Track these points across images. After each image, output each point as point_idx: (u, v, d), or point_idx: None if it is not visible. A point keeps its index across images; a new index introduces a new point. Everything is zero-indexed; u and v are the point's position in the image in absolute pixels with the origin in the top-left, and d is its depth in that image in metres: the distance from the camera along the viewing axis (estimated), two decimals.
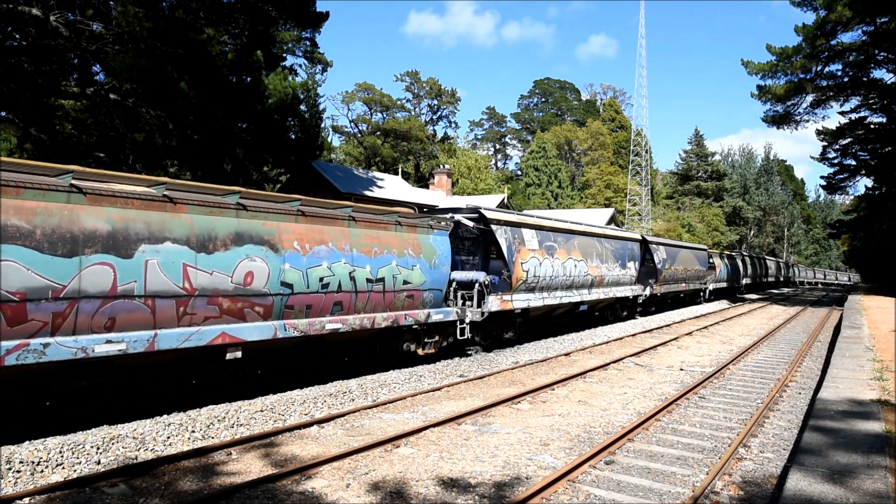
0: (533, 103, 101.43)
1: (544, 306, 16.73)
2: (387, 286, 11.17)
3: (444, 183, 42.75)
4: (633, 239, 24.20)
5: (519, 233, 15.64)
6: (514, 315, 15.50)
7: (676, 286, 29.14)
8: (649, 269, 25.55)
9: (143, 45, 14.98)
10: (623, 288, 22.13)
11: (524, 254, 15.54)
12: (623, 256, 22.03)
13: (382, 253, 11.14)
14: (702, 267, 33.84)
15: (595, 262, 19.40)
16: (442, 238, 12.93)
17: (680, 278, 29.49)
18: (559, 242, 17.36)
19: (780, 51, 36.96)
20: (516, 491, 5.95)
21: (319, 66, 50.42)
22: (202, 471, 6.34)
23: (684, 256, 30.50)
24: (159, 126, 17.56)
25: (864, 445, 6.34)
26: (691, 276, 31.70)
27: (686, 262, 30.62)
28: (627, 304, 23.65)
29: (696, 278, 32.64)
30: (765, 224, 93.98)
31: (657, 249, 26.44)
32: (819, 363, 13.87)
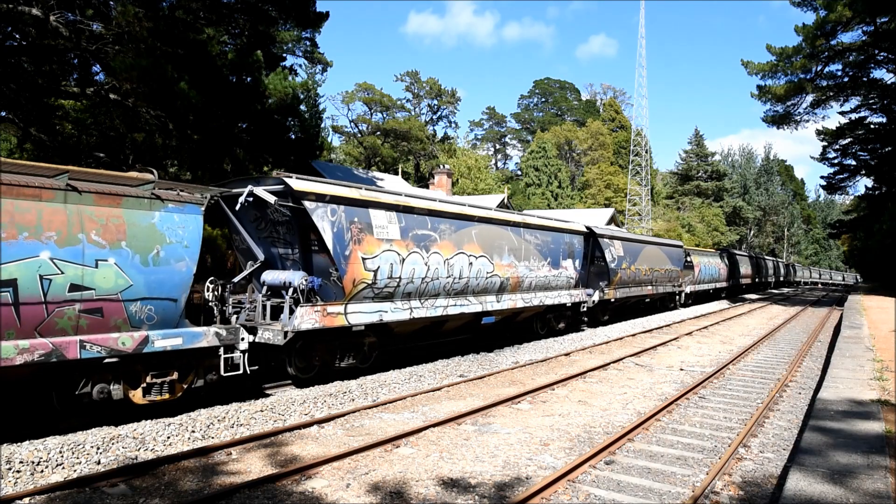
0: (533, 103, 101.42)
1: (415, 319, 12.23)
2: (23, 295, 6.72)
3: (444, 183, 42.72)
4: (573, 231, 19.08)
5: (360, 214, 10.97)
6: (354, 335, 11.23)
7: (639, 289, 24.40)
8: (601, 268, 21.22)
9: (143, 45, 14.97)
10: (556, 293, 17.44)
11: (370, 245, 11.01)
12: (556, 252, 17.36)
13: (16, 238, 6.72)
14: (675, 266, 29.05)
15: (507, 258, 14.93)
16: (185, 218, 8.29)
17: (644, 280, 24.70)
18: (443, 232, 12.78)
19: (780, 51, 36.96)
20: (516, 491, 5.95)
21: (319, 66, 50.44)
22: (202, 471, 6.34)
23: (651, 254, 25.85)
24: (159, 126, 17.55)
25: (864, 445, 6.34)
26: (661, 277, 26.98)
27: (653, 261, 25.89)
28: (566, 312, 18.89)
29: (667, 280, 27.91)
30: (765, 224, 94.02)
31: (610, 245, 21.81)
32: (819, 363, 13.87)
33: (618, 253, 22.15)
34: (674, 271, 28.81)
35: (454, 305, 13.28)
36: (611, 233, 23.02)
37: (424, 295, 12.43)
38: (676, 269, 29.18)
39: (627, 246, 23.38)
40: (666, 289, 27.96)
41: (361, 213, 11.00)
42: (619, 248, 22.41)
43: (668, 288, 28.19)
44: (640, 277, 24.23)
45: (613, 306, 22.55)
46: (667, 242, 29.81)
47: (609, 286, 21.37)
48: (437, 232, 12.62)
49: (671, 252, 28.87)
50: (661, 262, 27.08)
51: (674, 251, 29.40)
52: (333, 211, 10.46)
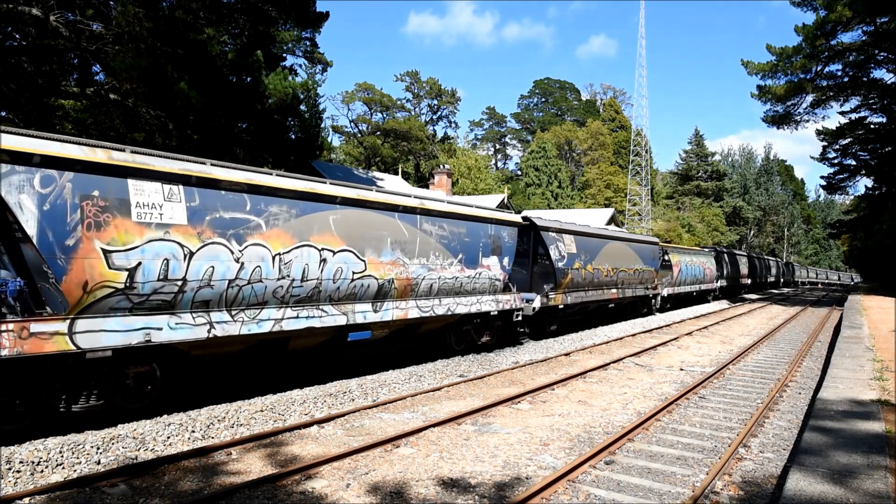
0: (533, 103, 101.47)
1: (220, 338, 8.56)
2: None
3: (444, 183, 42.73)
4: (500, 221, 14.82)
5: (106, 186, 7.45)
6: (96, 364, 7.47)
7: (599, 293, 20.35)
8: (545, 269, 17.45)
9: (143, 45, 14.98)
10: (475, 299, 13.68)
11: (123, 232, 7.53)
12: (472, 248, 13.57)
13: None
14: (648, 266, 24.74)
15: (390, 254, 11.30)
16: None
17: (605, 282, 20.85)
18: (274, 217, 9.26)
19: (780, 51, 36.98)
20: (516, 491, 5.95)
21: (319, 66, 50.46)
22: (202, 471, 6.35)
23: (615, 252, 21.80)
24: (159, 126, 17.56)
25: (865, 445, 6.34)
26: (629, 278, 23.01)
27: (618, 259, 21.96)
28: (493, 323, 14.84)
29: (637, 282, 23.99)
30: (765, 224, 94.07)
31: (558, 240, 17.80)
32: (819, 363, 13.87)
33: (568, 250, 18.26)
34: (647, 272, 24.70)
35: (296, 318, 9.60)
36: (559, 225, 18.58)
37: (238, 304, 8.85)
38: (650, 268, 25.08)
39: (583, 242, 19.37)
40: (636, 292, 24.02)
41: (111, 184, 7.47)
42: (570, 244, 18.42)
43: (638, 291, 24.19)
44: (600, 279, 20.31)
45: (565, 313, 18.76)
46: (638, 238, 25.44)
47: (556, 290, 17.43)
48: (263, 216, 9.09)
49: (643, 249, 24.76)
50: (630, 260, 23.17)
51: (647, 248, 25.20)
52: (49, 179, 6.93)
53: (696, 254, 34.08)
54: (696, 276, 32.53)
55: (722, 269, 38.29)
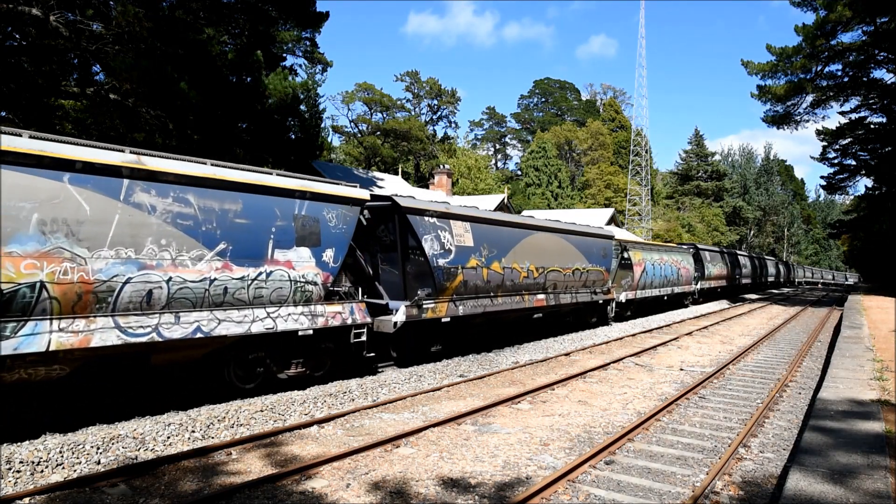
0: (533, 103, 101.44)
1: None
2: None
3: (444, 183, 42.73)
4: (321, 195, 10.38)
5: None
6: None
7: (516, 301, 15.47)
8: (421, 268, 12.74)
9: (143, 45, 14.99)
10: (265, 313, 9.37)
11: None
12: (257, 234, 9.35)
13: None
14: (596, 265, 19.77)
15: (39, 240, 7.07)
16: None
17: (524, 286, 15.88)
18: None
19: (780, 51, 36.96)
20: (516, 491, 5.95)
21: (319, 66, 50.41)
22: (202, 471, 6.34)
23: (540, 245, 16.70)
24: (159, 126, 17.56)
25: (865, 445, 6.34)
26: (565, 281, 17.94)
27: (545, 256, 16.84)
28: (315, 347, 10.44)
29: (581, 284, 18.99)
30: (765, 224, 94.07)
31: (439, 227, 13.06)
32: (819, 363, 13.87)
33: (459, 241, 13.32)
34: (594, 272, 19.68)
35: None
36: (443, 208, 13.32)
37: None
38: (600, 268, 20.02)
39: (486, 232, 14.40)
40: (580, 297, 18.86)
41: None
42: (461, 235, 13.47)
43: (582, 296, 19.02)
44: (516, 282, 15.41)
45: (459, 329, 13.87)
46: (580, 230, 19.61)
47: (438, 296, 12.75)
48: None
49: (588, 244, 19.57)
50: (568, 257, 18.05)
51: (594, 243, 20.03)
52: None
53: (668, 251, 29.16)
54: (667, 277, 27.38)
55: (702, 269, 34.14)
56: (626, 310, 23.94)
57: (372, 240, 12.93)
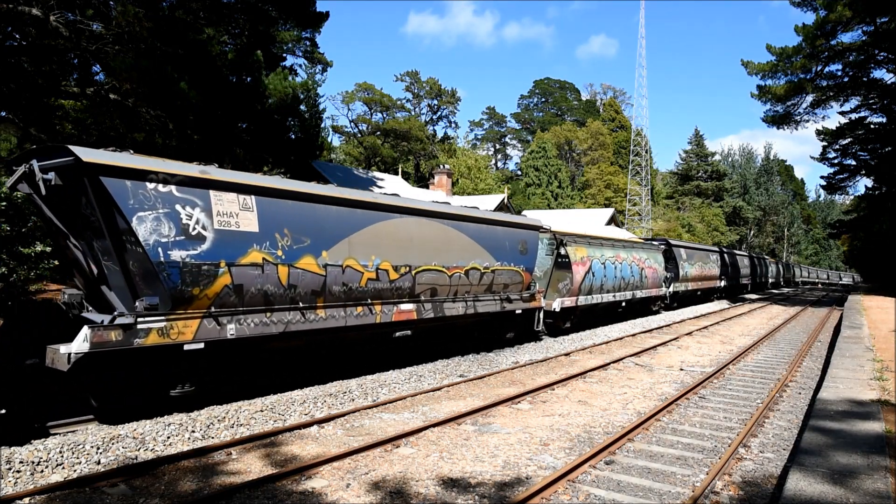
0: (533, 103, 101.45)
1: None
2: None
3: (444, 183, 42.74)
4: None
5: None
6: None
7: (348, 315, 10.55)
8: (143, 262, 8.08)
9: (143, 45, 14.98)
10: None
11: None
12: None
13: None
14: (509, 264, 14.83)
15: None
16: None
17: (369, 292, 11.06)
18: None
19: (780, 51, 36.96)
20: (516, 491, 5.95)
21: (319, 66, 50.41)
22: (202, 471, 6.34)
23: (409, 234, 12.02)
24: (159, 126, 17.55)
25: (865, 446, 6.34)
26: (455, 284, 13.15)
27: (416, 250, 12.13)
28: None
29: (483, 289, 14.14)
30: (765, 224, 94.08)
31: (179, 203, 8.24)
32: (819, 363, 13.87)
33: (226, 223, 8.75)
34: (507, 272, 14.69)
35: None
36: (187, 170, 8.46)
37: None
38: (516, 267, 15.02)
39: (288, 211, 9.69)
40: (483, 306, 13.88)
41: None
42: (235, 214, 8.88)
43: (486, 305, 14.02)
44: (356, 287, 10.68)
45: (219, 359, 9.00)
46: (481, 217, 14.28)
47: (178, 309, 8.24)
48: None
49: (497, 236, 14.48)
50: (458, 252, 13.14)
51: (508, 234, 14.93)
52: None
53: (628, 247, 23.77)
54: (624, 279, 22.44)
55: (676, 269, 29.15)
56: (564, 320, 18.56)
57: (80, 220, 8.37)
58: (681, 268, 29.55)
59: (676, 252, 29.52)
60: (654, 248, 27.03)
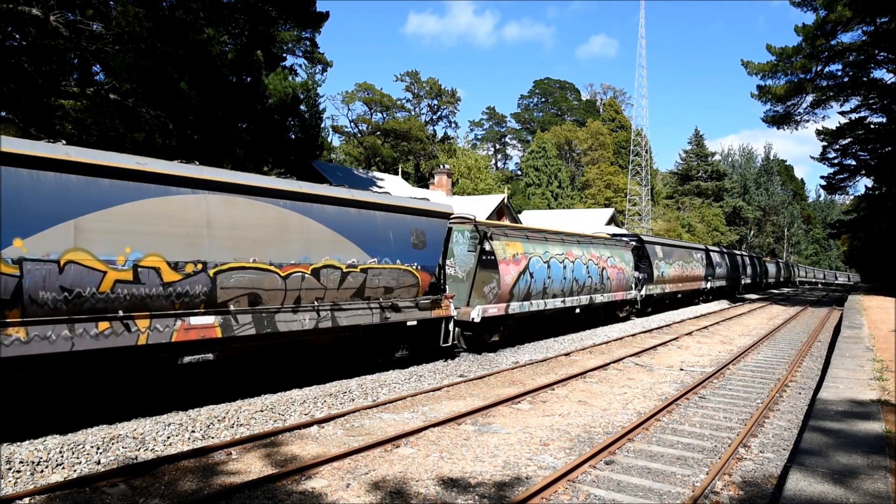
0: (533, 103, 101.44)
1: None
2: None
3: (444, 183, 42.73)
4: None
5: None
6: None
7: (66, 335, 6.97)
8: None
9: (143, 45, 14.98)
10: None
11: None
12: None
13: None
14: (397, 262, 11.55)
15: None
16: None
17: (117, 301, 7.48)
18: None
19: (780, 51, 36.96)
20: (516, 491, 5.95)
21: (319, 66, 50.42)
22: (202, 471, 6.34)
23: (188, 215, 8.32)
24: (159, 126, 17.55)
25: (865, 446, 6.34)
26: (298, 288, 9.67)
27: (220, 238, 8.58)
28: None
29: (352, 294, 10.70)
30: (765, 224, 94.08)
31: None
32: (819, 363, 13.87)
33: None
34: (393, 272, 11.50)
35: None
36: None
37: None
38: (406, 267, 11.78)
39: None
40: (350, 318, 10.61)
41: None
42: None
43: (358, 316, 10.77)
44: (87, 294, 7.29)
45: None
46: (343, 196, 10.88)
47: None
48: None
49: (375, 224, 11.33)
50: (303, 243, 9.83)
51: (397, 222, 11.80)
52: None
53: (583, 244, 19.70)
54: (578, 282, 18.50)
55: (650, 269, 25.39)
56: (490, 332, 14.86)
57: None
58: (656, 268, 25.65)
59: (650, 249, 25.61)
60: (620, 244, 23.02)
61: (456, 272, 14.88)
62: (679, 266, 29.15)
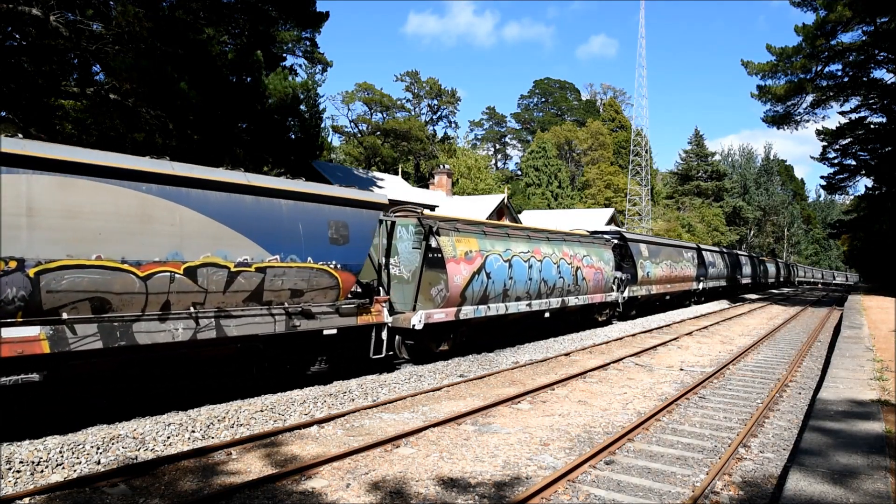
0: (533, 103, 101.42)
1: None
2: None
3: (444, 183, 42.75)
4: None
5: None
6: None
7: None
8: None
9: (143, 45, 14.99)
10: None
11: None
12: None
13: None
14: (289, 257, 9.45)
15: None
16: None
17: None
18: None
19: (780, 51, 36.95)
20: (516, 491, 5.95)
21: (319, 66, 50.41)
22: (202, 471, 6.34)
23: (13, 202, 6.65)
24: (159, 126, 17.56)
25: (865, 446, 6.34)
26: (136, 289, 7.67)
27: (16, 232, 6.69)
28: None
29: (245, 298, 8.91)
30: (765, 224, 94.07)
31: None
32: (819, 363, 13.87)
33: None
34: (298, 272, 9.63)
35: None
36: None
37: None
38: (321, 265, 9.98)
39: None
40: (244, 327, 8.89)
41: None
42: None
43: (255, 324, 9.08)
44: None
45: None
46: (234, 180, 8.96)
47: None
48: None
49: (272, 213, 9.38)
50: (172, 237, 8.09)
51: (298, 210, 9.77)
52: None
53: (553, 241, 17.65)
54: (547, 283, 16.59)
55: (634, 269, 23.39)
56: (437, 341, 13.23)
57: None
58: (640, 267, 23.73)
59: (634, 248, 23.75)
60: (599, 243, 20.90)
61: (401, 272, 13.20)
62: (667, 266, 27.31)
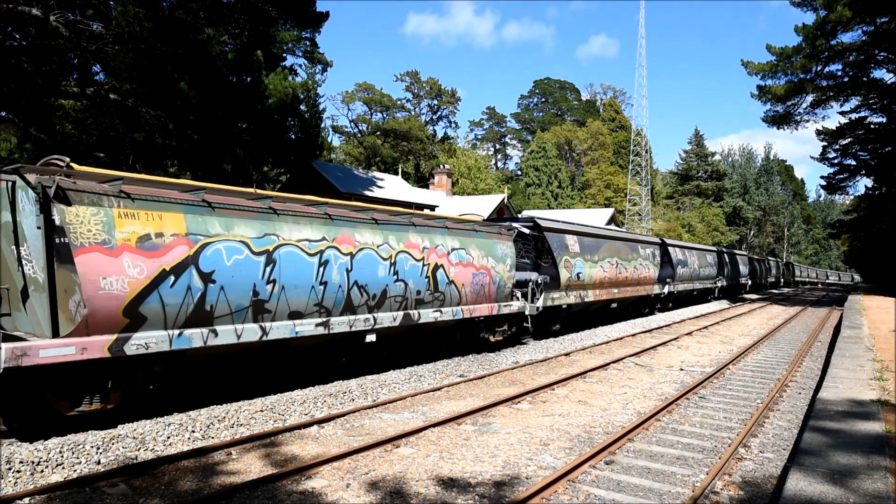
0: (533, 103, 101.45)
1: None
2: None
3: (444, 183, 42.77)
4: None
5: None
6: None
7: None
8: None
9: (143, 45, 14.99)
10: None
11: None
12: None
13: None
14: None
15: None
16: None
17: None
18: None
19: (780, 51, 36.96)
20: (516, 491, 5.95)
21: (319, 66, 50.43)
22: (202, 471, 6.34)
23: None
24: (159, 126, 17.56)
25: (865, 446, 6.34)
26: None
27: None
28: None
29: None
30: (765, 224, 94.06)
31: None
32: (819, 363, 13.87)
33: None
34: None
35: None
36: None
37: None
38: None
39: None
40: None
41: None
42: None
43: None
44: None
45: None
46: None
47: None
48: None
49: None
50: None
51: None
52: None
53: (383, 225, 11.29)
54: (366, 292, 10.75)
55: (555, 269, 17.14)
56: (74, 398, 7.25)
57: None
58: (566, 267, 17.66)
59: (555, 241, 17.50)
60: (485, 232, 14.35)
61: (34, 271, 7.39)
62: (611, 265, 21.04)
